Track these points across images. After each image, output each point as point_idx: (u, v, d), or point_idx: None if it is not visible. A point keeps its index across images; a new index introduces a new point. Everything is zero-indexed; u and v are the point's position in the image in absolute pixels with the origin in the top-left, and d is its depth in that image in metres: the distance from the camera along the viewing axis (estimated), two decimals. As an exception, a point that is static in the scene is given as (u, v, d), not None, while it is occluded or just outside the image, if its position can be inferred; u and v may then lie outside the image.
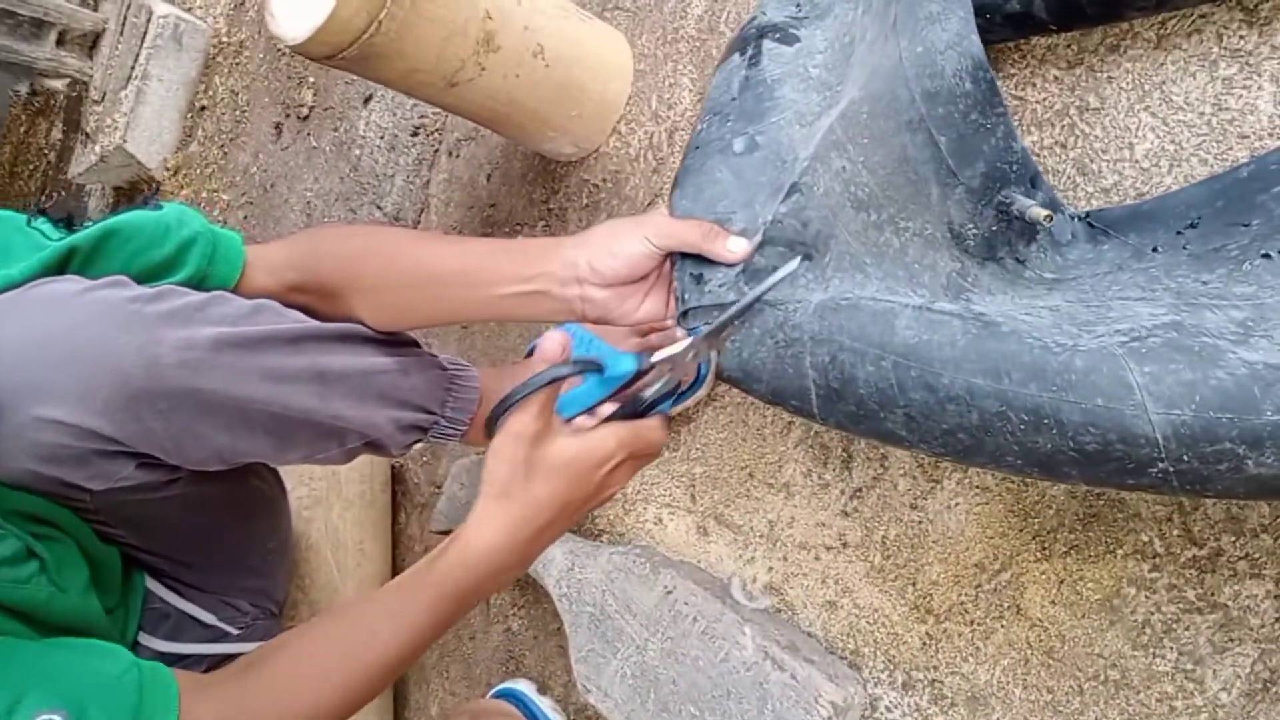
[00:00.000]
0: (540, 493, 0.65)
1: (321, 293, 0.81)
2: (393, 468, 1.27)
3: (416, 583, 0.66)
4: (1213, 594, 0.61)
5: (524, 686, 1.02)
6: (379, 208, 1.33)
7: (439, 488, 1.15)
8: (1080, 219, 0.63)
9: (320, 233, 0.90)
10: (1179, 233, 0.56)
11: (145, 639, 0.93)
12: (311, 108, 1.52)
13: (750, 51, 0.73)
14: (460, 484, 1.09)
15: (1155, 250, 0.56)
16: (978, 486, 0.73)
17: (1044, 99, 0.71)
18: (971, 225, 0.61)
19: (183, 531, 0.91)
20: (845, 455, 0.81)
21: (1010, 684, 0.70)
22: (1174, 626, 0.63)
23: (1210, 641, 0.61)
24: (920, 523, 0.76)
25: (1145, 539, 0.64)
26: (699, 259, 0.69)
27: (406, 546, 1.25)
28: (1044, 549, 0.69)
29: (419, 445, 1.11)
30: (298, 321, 0.77)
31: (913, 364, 0.54)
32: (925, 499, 0.76)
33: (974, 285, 0.59)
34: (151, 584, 0.96)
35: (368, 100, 1.39)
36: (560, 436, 0.65)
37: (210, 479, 0.82)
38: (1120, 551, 0.65)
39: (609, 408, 0.69)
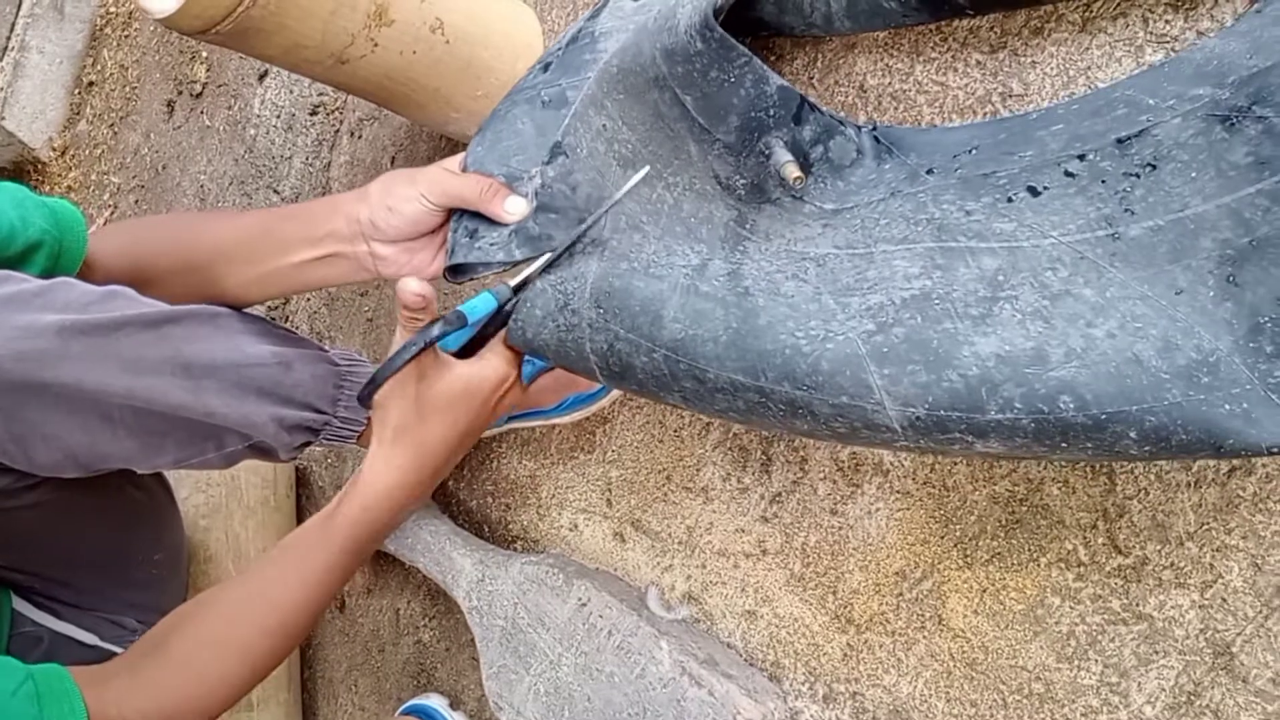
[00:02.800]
0: (435, 430, 0.64)
1: (130, 284, 0.74)
2: (297, 470, 1.20)
3: (317, 538, 0.65)
4: (1138, 604, 0.59)
5: (435, 702, 0.97)
6: (276, 191, 1.25)
7: (344, 492, 1.09)
8: (869, 131, 0.60)
9: (126, 222, 0.84)
10: (956, 156, 0.55)
11: (13, 668, 0.85)
12: (205, 84, 1.42)
13: (601, 3, 0.69)
14: (364, 489, 1.03)
15: (930, 172, 0.55)
16: (899, 491, 0.70)
17: (966, 84, 0.67)
18: (738, 176, 0.60)
19: (48, 545, 0.83)
20: (764, 458, 0.77)
21: (933, 697, 0.67)
22: (1099, 638, 0.60)
23: (1135, 653, 0.59)
24: (840, 529, 0.72)
25: (1069, 547, 0.62)
26: (478, 214, 0.67)
27: (312, 553, 1.18)
28: (966, 557, 0.66)
29: (316, 449, 1.04)
30: (156, 306, 0.70)
31: (681, 359, 0.57)
32: (845, 504, 0.72)
33: (752, 232, 0.59)
34: (20, 605, 0.88)
35: (263, 76, 1.31)
36: (449, 369, 0.64)
37: (75, 486, 0.75)
38: (1044, 560, 0.63)
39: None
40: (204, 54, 1.44)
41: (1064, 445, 0.47)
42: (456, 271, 0.70)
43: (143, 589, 0.96)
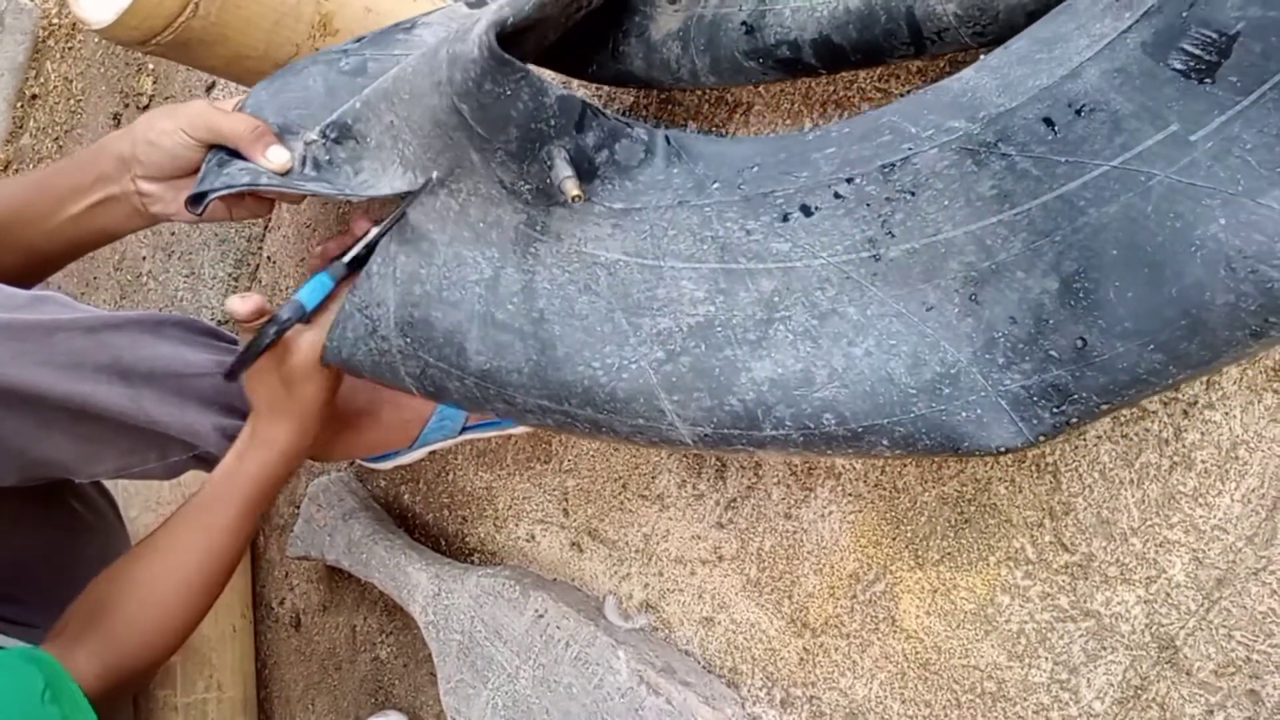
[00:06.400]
0: (306, 398, 0.68)
1: None
2: (250, 487, 1.18)
3: (225, 494, 0.71)
4: (1085, 601, 0.60)
5: (394, 719, 0.95)
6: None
7: (299, 508, 1.07)
8: (661, 132, 0.62)
9: None
10: (740, 171, 0.58)
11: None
12: (151, 96, 1.40)
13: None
14: (318, 506, 1.01)
15: (715, 185, 0.58)
16: (850, 494, 0.70)
17: (907, 90, 0.68)
18: (522, 182, 0.60)
19: None
20: (719, 464, 0.77)
21: (888, 698, 0.68)
22: (1048, 635, 0.61)
23: (1084, 650, 0.60)
24: (795, 533, 0.73)
25: (1017, 545, 0.63)
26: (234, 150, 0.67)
27: (266, 571, 1.16)
28: (917, 557, 0.67)
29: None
30: (93, 312, 0.69)
31: (490, 386, 0.61)
32: (799, 508, 0.73)
33: (543, 233, 0.61)
34: None
35: (210, 88, 1.29)
36: (303, 345, 0.66)
37: (13, 497, 0.73)
38: (993, 559, 0.64)
39: None
40: (150, 66, 1.42)
41: (829, 451, 0.55)
42: (199, 200, 0.67)
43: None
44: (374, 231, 0.64)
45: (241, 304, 0.64)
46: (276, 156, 0.64)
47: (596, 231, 0.59)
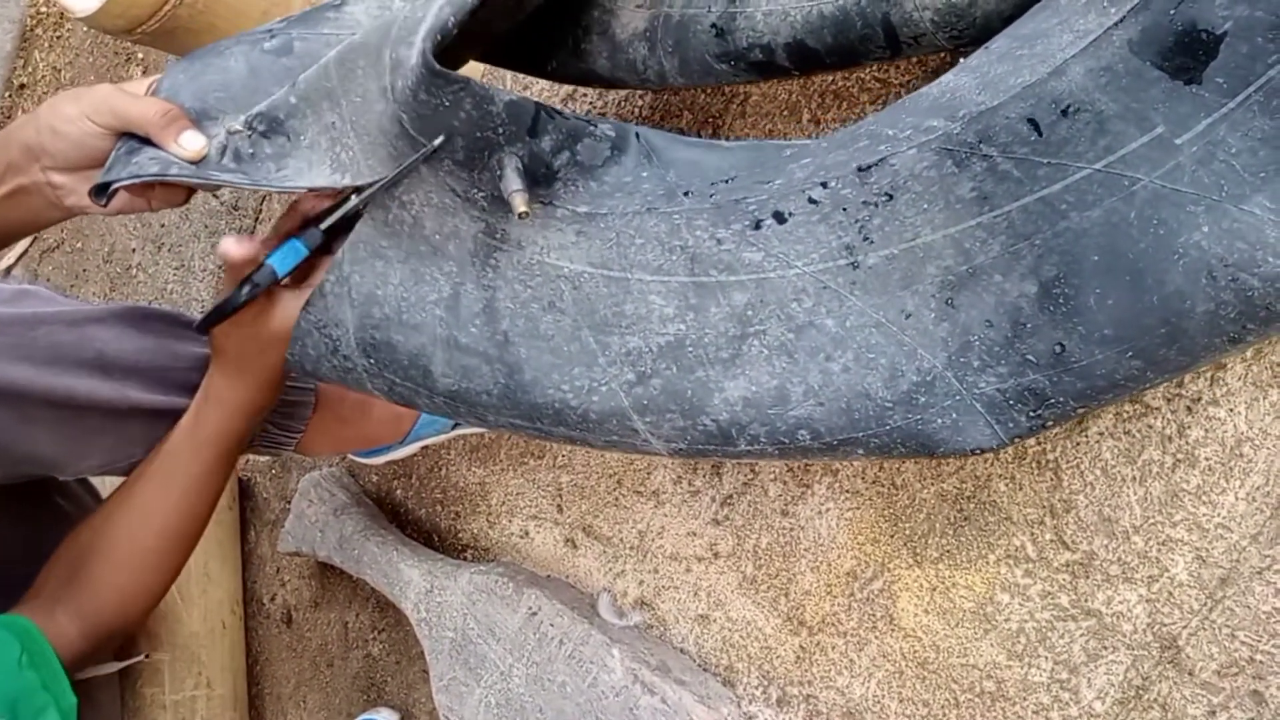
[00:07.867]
0: (274, 357, 0.66)
1: None
2: (241, 482, 1.17)
3: (188, 452, 0.70)
4: (1086, 600, 0.59)
5: (386, 717, 0.95)
6: (215, 195, 1.22)
7: (290, 503, 1.06)
8: (634, 130, 0.59)
9: None
10: (713, 183, 0.56)
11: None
12: (141, 86, 1.39)
13: None
14: (309, 501, 1.00)
15: (687, 194, 0.56)
16: (848, 491, 0.69)
17: (908, 81, 0.67)
18: (476, 190, 0.57)
19: None
20: (715, 460, 0.76)
21: (885, 698, 0.67)
22: (1048, 634, 0.60)
23: (1084, 649, 0.59)
24: (792, 530, 0.72)
25: (1018, 543, 0.62)
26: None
27: (257, 567, 1.15)
28: (915, 555, 0.66)
29: (259, 458, 1.01)
30: (76, 305, 0.68)
31: (460, 405, 0.60)
32: (796, 505, 0.72)
33: (503, 241, 0.57)
34: None
35: (200, 78, 1.27)
36: (281, 306, 0.63)
37: None
38: (992, 556, 0.63)
39: None
40: (139, 55, 1.40)
41: (803, 458, 0.55)
42: (103, 191, 0.62)
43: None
44: (353, 200, 0.59)
45: (236, 247, 0.60)
46: (190, 144, 0.60)
47: (560, 239, 0.56)
